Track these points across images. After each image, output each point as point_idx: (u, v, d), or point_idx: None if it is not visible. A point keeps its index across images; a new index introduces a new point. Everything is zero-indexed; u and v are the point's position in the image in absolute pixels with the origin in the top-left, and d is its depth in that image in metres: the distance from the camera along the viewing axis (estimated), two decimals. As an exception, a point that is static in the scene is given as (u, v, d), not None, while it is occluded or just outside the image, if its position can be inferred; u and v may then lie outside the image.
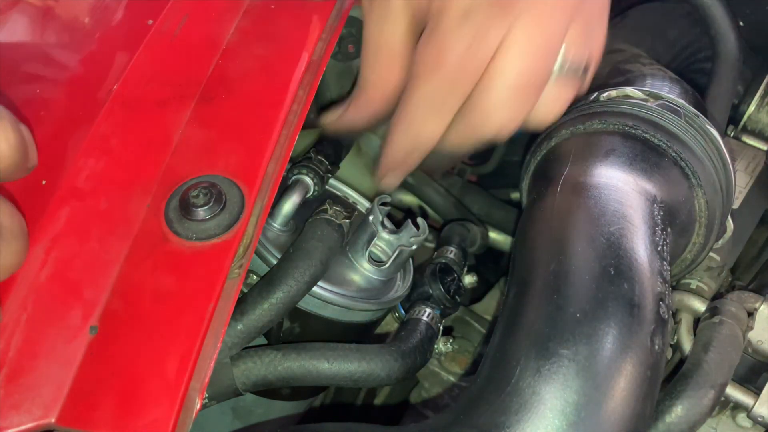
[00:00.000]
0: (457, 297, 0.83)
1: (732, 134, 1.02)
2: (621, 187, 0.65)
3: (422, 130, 0.68)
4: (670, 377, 0.70)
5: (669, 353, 0.77)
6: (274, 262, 0.66)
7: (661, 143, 0.70)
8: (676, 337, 0.76)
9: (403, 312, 0.80)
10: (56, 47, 0.67)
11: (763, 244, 0.96)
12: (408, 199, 1.15)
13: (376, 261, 0.74)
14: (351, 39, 0.91)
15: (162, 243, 0.55)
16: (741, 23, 0.95)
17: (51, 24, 0.70)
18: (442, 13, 0.63)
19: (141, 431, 0.48)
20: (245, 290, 0.64)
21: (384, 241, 0.73)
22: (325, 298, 0.68)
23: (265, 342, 0.70)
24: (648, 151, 0.70)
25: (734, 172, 0.76)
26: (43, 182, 0.57)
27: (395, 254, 0.73)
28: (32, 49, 0.67)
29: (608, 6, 0.71)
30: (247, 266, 0.56)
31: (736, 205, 0.90)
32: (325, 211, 0.68)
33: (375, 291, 0.74)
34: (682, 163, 0.70)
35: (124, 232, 0.55)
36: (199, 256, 0.54)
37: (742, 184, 0.93)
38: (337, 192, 0.85)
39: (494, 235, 1.12)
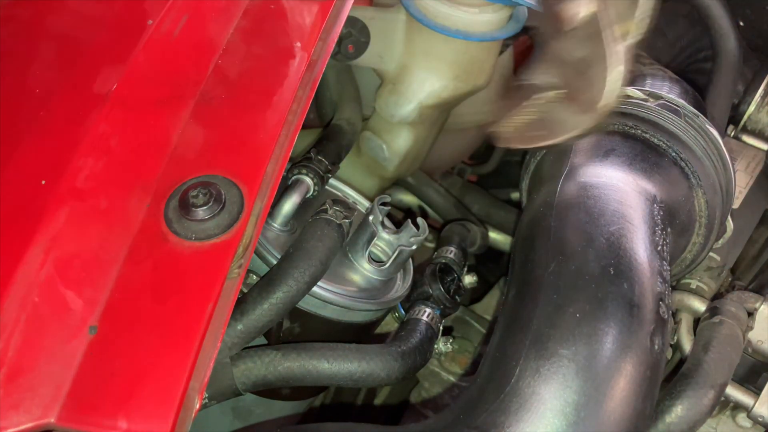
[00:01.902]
0: (457, 297, 0.83)
1: (732, 134, 1.02)
2: (621, 186, 0.65)
3: None
4: (670, 377, 0.70)
5: (669, 353, 0.77)
6: (274, 262, 0.66)
7: (661, 143, 0.70)
8: (676, 337, 0.76)
9: (403, 312, 0.80)
10: (56, 47, 0.67)
11: (763, 244, 0.96)
12: (408, 199, 1.15)
13: (376, 261, 0.74)
14: (351, 39, 0.91)
15: (161, 243, 0.55)
16: (741, 23, 0.95)
17: (51, 24, 0.70)
18: None
19: (140, 431, 0.48)
20: (245, 290, 0.64)
21: (384, 241, 0.73)
22: (325, 297, 0.68)
23: (265, 342, 0.70)
24: (648, 151, 0.70)
25: (734, 172, 0.76)
26: (43, 182, 0.57)
27: (395, 254, 0.73)
28: (32, 49, 0.67)
29: None
30: (246, 266, 0.56)
31: (736, 205, 0.90)
32: (325, 211, 0.68)
33: (375, 291, 0.74)
34: (682, 163, 0.70)
35: (123, 231, 0.55)
36: (199, 256, 0.54)
37: (742, 184, 0.93)
38: (337, 192, 0.85)
39: (494, 235, 1.12)
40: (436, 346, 0.76)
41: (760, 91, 1.00)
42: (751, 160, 0.97)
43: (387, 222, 0.76)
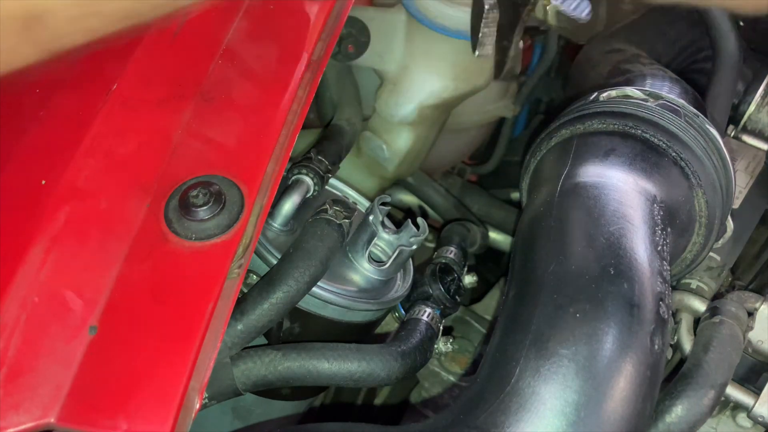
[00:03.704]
0: (457, 297, 0.83)
1: (732, 134, 1.02)
2: (621, 186, 0.65)
3: None
4: (670, 377, 0.70)
5: (669, 353, 0.77)
6: (274, 262, 0.66)
7: (661, 143, 0.70)
8: (676, 337, 0.76)
9: (403, 312, 0.80)
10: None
11: (763, 244, 0.96)
12: (408, 199, 1.15)
13: (376, 261, 0.74)
14: (351, 39, 0.91)
15: (162, 243, 0.55)
16: (741, 23, 0.95)
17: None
18: None
19: (140, 431, 0.48)
20: (245, 290, 0.64)
21: (384, 241, 0.73)
22: (325, 297, 0.68)
23: (265, 342, 0.70)
24: (648, 151, 0.70)
25: (734, 172, 0.76)
26: (43, 182, 0.57)
27: (395, 254, 0.73)
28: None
29: None
30: (246, 266, 0.56)
31: (736, 205, 0.90)
32: (325, 211, 0.68)
33: (375, 291, 0.74)
34: (682, 163, 0.70)
35: (123, 232, 0.55)
36: (199, 256, 0.54)
37: (742, 184, 0.93)
38: (337, 192, 0.85)
39: (494, 235, 1.12)
40: (436, 346, 0.76)
41: (760, 91, 1.00)
42: (751, 160, 0.97)
43: (387, 222, 0.76)
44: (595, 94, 0.78)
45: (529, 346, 0.55)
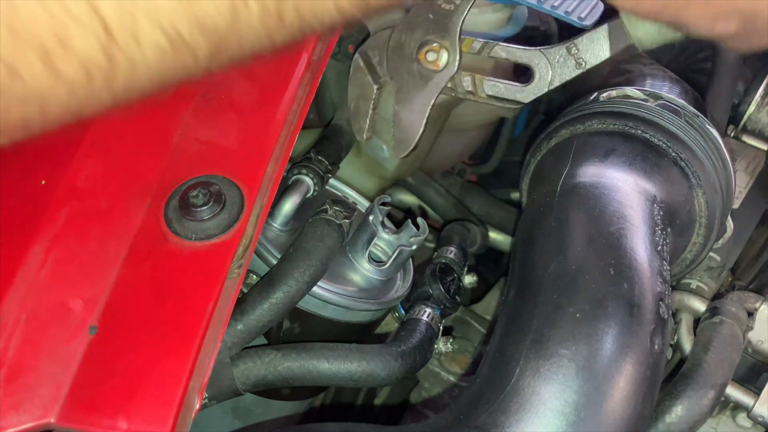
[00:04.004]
0: (457, 297, 0.83)
1: (732, 134, 1.01)
2: (621, 187, 0.65)
3: None
4: (670, 377, 0.70)
5: (669, 353, 0.77)
6: (274, 262, 0.66)
7: (661, 143, 0.70)
8: (676, 337, 0.76)
9: (403, 312, 0.80)
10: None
11: (763, 244, 0.96)
12: (408, 199, 1.15)
13: (376, 261, 0.74)
14: (351, 39, 0.91)
15: (161, 243, 0.55)
16: (741, 23, 0.95)
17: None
18: None
19: (140, 431, 0.48)
20: (245, 290, 0.64)
21: (384, 241, 0.73)
22: (325, 298, 0.68)
23: (265, 342, 0.70)
24: (648, 151, 0.70)
25: (734, 172, 0.76)
26: (43, 182, 0.57)
27: (395, 254, 0.73)
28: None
29: None
30: (246, 266, 0.56)
31: (736, 205, 0.90)
32: (325, 211, 0.68)
33: (375, 291, 0.74)
34: (682, 163, 0.70)
35: (123, 232, 0.55)
36: (199, 256, 0.54)
37: (742, 184, 0.93)
38: (337, 192, 0.85)
39: (494, 235, 1.12)
40: (436, 346, 0.76)
41: (760, 91, 1.00)
42: (751, 160, 0.97)
43: (387, 222, 0.76)
44: (595, 94, 0.78)
45: (529, 346, 0.55)
